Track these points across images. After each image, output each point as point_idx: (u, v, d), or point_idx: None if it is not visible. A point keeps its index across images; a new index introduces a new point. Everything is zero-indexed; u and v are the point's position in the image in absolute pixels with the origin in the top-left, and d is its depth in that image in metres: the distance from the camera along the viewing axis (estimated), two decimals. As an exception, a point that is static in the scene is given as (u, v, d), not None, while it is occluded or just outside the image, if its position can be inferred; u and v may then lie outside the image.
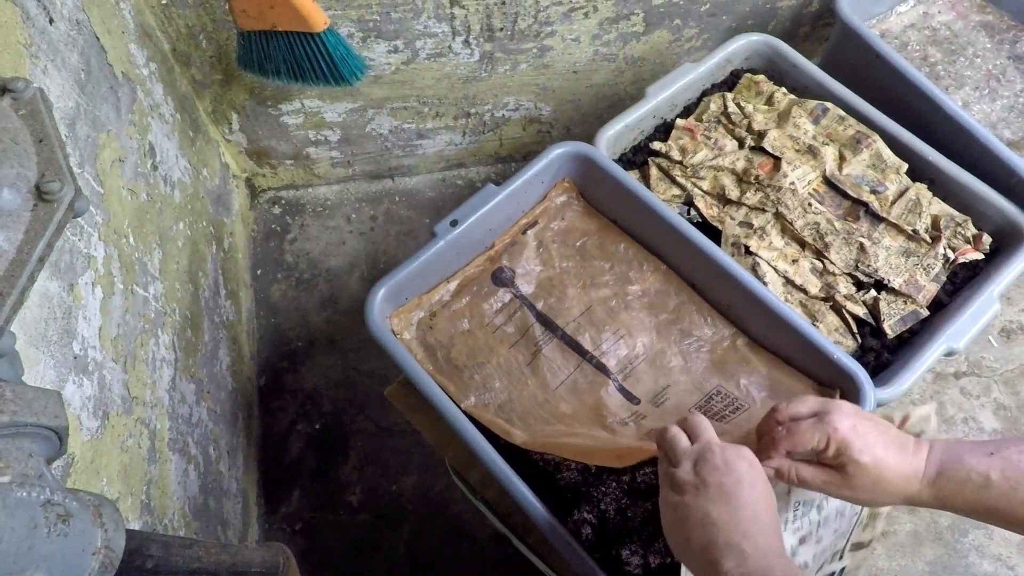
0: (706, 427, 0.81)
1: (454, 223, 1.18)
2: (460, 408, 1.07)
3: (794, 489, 0.87)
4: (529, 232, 1.27)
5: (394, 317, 1.18)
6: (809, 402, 0.85)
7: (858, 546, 1.02)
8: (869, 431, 0.80)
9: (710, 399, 1.11)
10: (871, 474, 0.79)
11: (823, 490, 0.83)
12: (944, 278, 1.28)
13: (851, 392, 1.06)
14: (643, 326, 1.19)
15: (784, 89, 1.45)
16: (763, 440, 0.87)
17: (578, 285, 1.23)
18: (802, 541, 0.90)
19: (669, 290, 1.22)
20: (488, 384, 1.14)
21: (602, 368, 1.16)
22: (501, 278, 1.24)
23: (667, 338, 1.18)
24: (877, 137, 1.36)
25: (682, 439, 0.81)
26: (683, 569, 0.80)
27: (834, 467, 0.81)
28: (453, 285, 1.23)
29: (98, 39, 1.16)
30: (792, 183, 1.31)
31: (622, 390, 1.14)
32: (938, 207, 1.32)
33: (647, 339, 1.18)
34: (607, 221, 1.29)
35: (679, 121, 1.42)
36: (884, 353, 1.23)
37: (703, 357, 1.17)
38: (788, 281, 1.27)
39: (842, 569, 1.01)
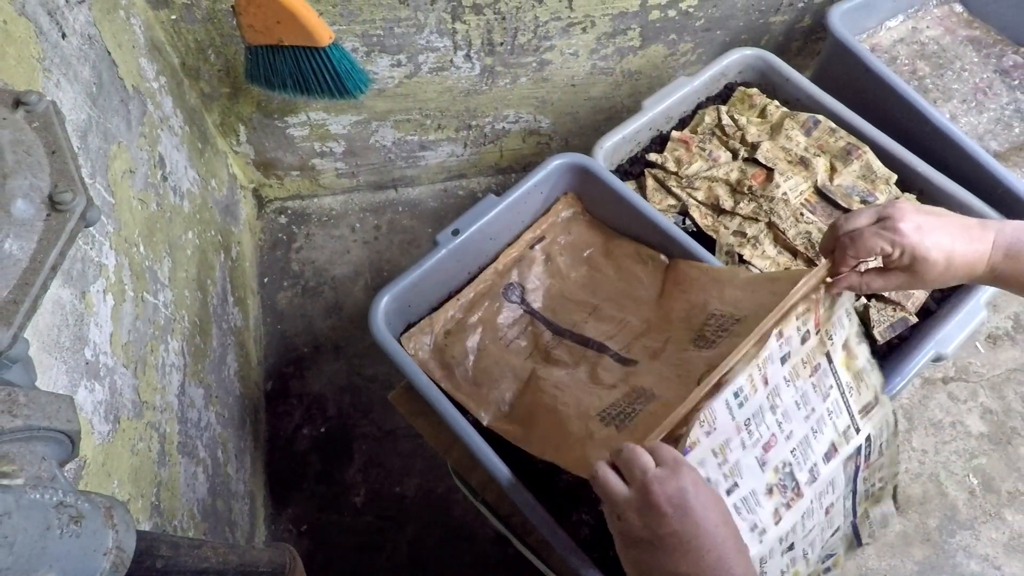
0: (639, 460, 0.73)
1: (455, 232, 1.18)
2: (483, 425, 1.07)
3: (736, 411, 0.85)
4: (537, 247, 1.27)
5: (408, 339, 1.18)
6: (868, 211, 0.85)
7: (866, 409, 1.00)
8: (934, 226, 0.80)
9: (704, 326, 1.06)
10: (940, 266, 0.80)
11: (888, 289, 0.86)
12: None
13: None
14: (646, 315, 1.18)
15: (777, 102, 1.45)
16: (830, 255, 0.87)
17: (587, 293, 1.23)
18: (767, 448, 0.89)
19: (673, 275, 1.20)
20: (504, 398, 1.13)
21: (603, 348, 1.14)
22: (511, 294, 1.24)
23: (672, 322, 1.15)
24: (867, 149, 1.36)
25: (616, 485, 0.74)
26: None
27: (903, 268, 0.82)
28: (464, 302, 1.23)
29: (109, 53, 1.17)
30: (784, 193, 1.31)
31: (620, 359, 1.12)
32: (926, 216, 1.32)
33: (651, 326, 1.16)
34: (612, 232, 1.29)
35: (675, 133, 1.42)
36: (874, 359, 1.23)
37: (702, 295, 1.13)
38: (781, 288, 1.27)
39: (868, 436, 1.00)
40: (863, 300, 1.25)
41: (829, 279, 0.88)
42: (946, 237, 0.80)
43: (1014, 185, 1.31)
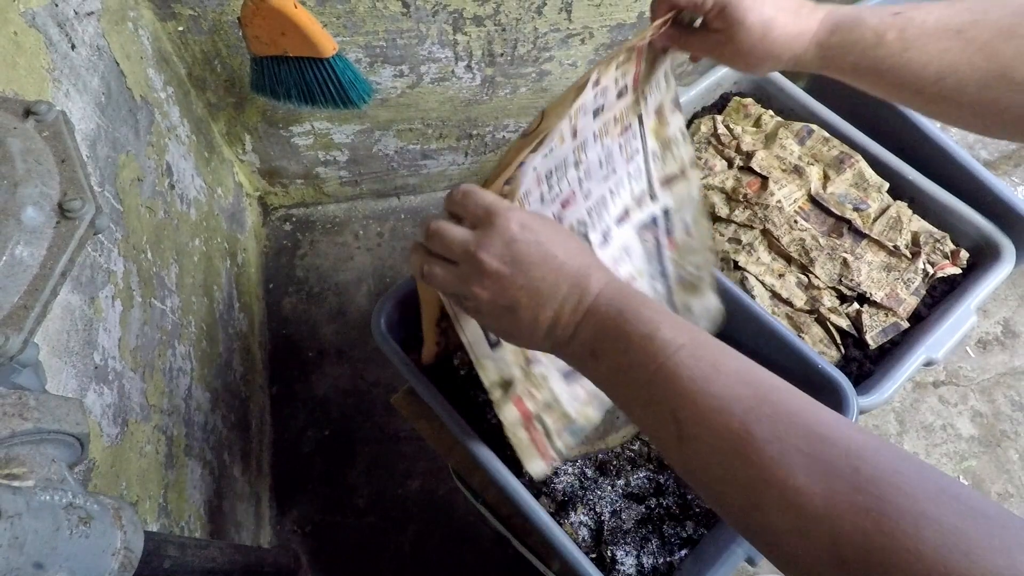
0: (447, 233, 0.64)
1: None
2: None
3: (540, 161, 0.75)
4: None
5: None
6: None
7: (669, 180, 0.94)
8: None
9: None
10: (756, 33, 0.72)
11: (708, 54, 0.78)
12: (923, 291, 1.28)
13: (835, 399, 1.06)
14: None
15: (771, 112, 1.45)
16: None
17: None
18: (564, 205, 0.82)
19: None
20: None
21: None
22: None
23: None
24: (860, 157, 1.36)
25: (442, 274, 0.64)
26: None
27: (719, 30, 0.74)
28: None
29: (118, 64, 1.17)
30: (779, 201, 1.31)
31: None
32: (918, 224, 1.32)
33: None
34: None
35: (671, 142, 1.42)
36: (866, 363, 1.23)
37: None
38: (775, 294, 1.27)
39: (666, 211, 0.94)
40: (855, 305, 1.25)
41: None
42: (769, 5, 0.72)
43: (1003, 193, 1.31)
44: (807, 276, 1.27)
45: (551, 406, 0.88)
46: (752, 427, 0.47)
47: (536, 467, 0.89)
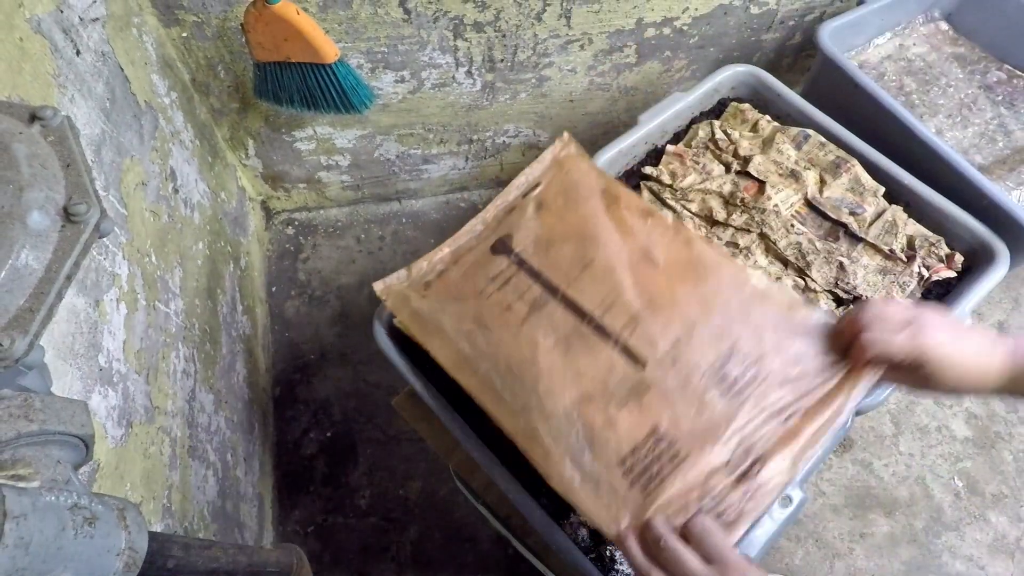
0: (719, 542, 0.72)
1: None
2: (446, 371, 0.96)
3: None
4: (530, 195, 1.11)
5: (389, 297, 1.04)
6: (900, 311, 0.81)
7: None
8: (956, 342, 0.78)
9: (725, 365, 0.89)
10: (951, 380, 0.78)
11: (900, 386, 0.85)
12: (919, 295, 1.28)
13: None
14: (650, 278, 0.97)
15: (768, 117, 1.45)
16: (849, 345, 0.85)
17: (581, 243, 1.02)
18: None
19: (678, 238, 1.01)
20: (475, 344, 0.96)
21: (601, 330, 0.93)
22: (499, 247, 1.06)
23: (680, 285, 0.96)
24: (856, 162, 1.36)
25: (690, 562, 0.70)
26: None
27: (916, 371, 0.79)
28: (446, 252, 1.07)
29: (122, 70, 1.17)
30: (776, 205, 1.31)
31: (625, 351, 0.91)
32: (913, 228, 1.32)
33: (654, 289, 0.96)
34: (612, 179, 1.11)
35: (669, 147, 1.42)
36: (863, 365, 1.23)
37: (721, 299, 0.95)
38: (772, 297, 1.27)
39: None
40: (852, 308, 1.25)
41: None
42: (964, 356, 0.79)
43: (998, 197, 1.31)
44: (804, 279, 1.27)
45: None
46: None
47: None
